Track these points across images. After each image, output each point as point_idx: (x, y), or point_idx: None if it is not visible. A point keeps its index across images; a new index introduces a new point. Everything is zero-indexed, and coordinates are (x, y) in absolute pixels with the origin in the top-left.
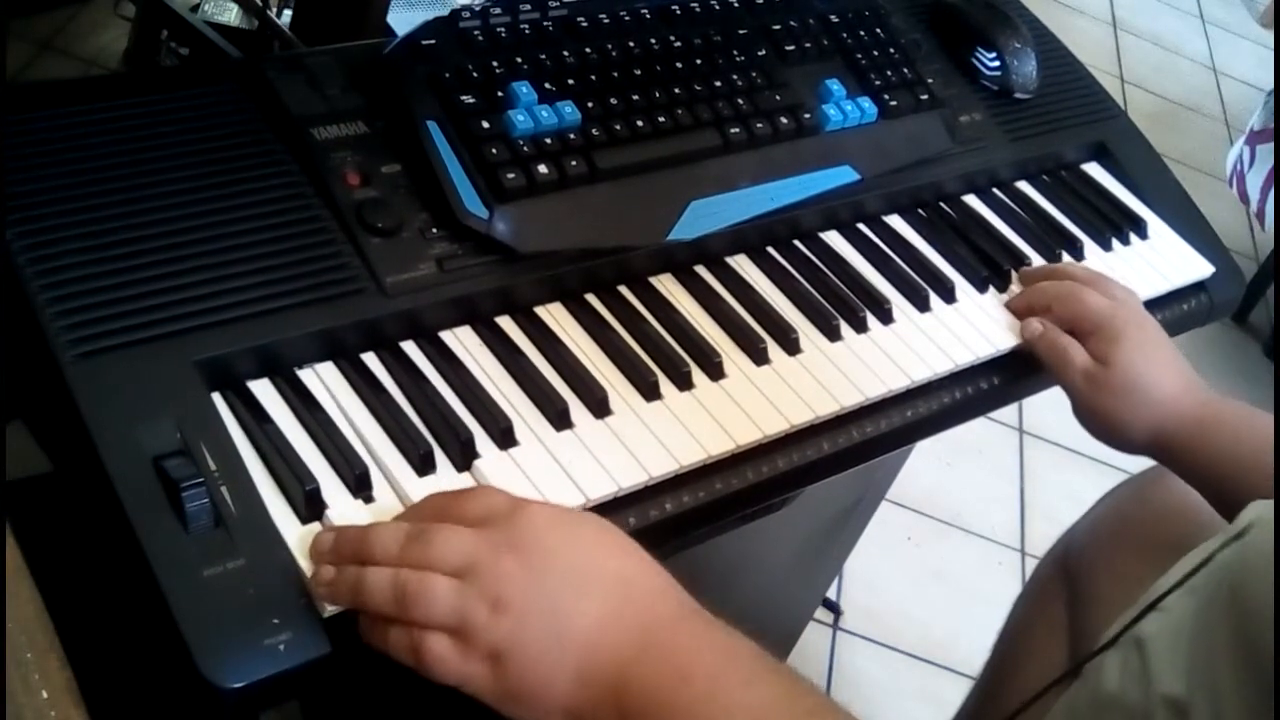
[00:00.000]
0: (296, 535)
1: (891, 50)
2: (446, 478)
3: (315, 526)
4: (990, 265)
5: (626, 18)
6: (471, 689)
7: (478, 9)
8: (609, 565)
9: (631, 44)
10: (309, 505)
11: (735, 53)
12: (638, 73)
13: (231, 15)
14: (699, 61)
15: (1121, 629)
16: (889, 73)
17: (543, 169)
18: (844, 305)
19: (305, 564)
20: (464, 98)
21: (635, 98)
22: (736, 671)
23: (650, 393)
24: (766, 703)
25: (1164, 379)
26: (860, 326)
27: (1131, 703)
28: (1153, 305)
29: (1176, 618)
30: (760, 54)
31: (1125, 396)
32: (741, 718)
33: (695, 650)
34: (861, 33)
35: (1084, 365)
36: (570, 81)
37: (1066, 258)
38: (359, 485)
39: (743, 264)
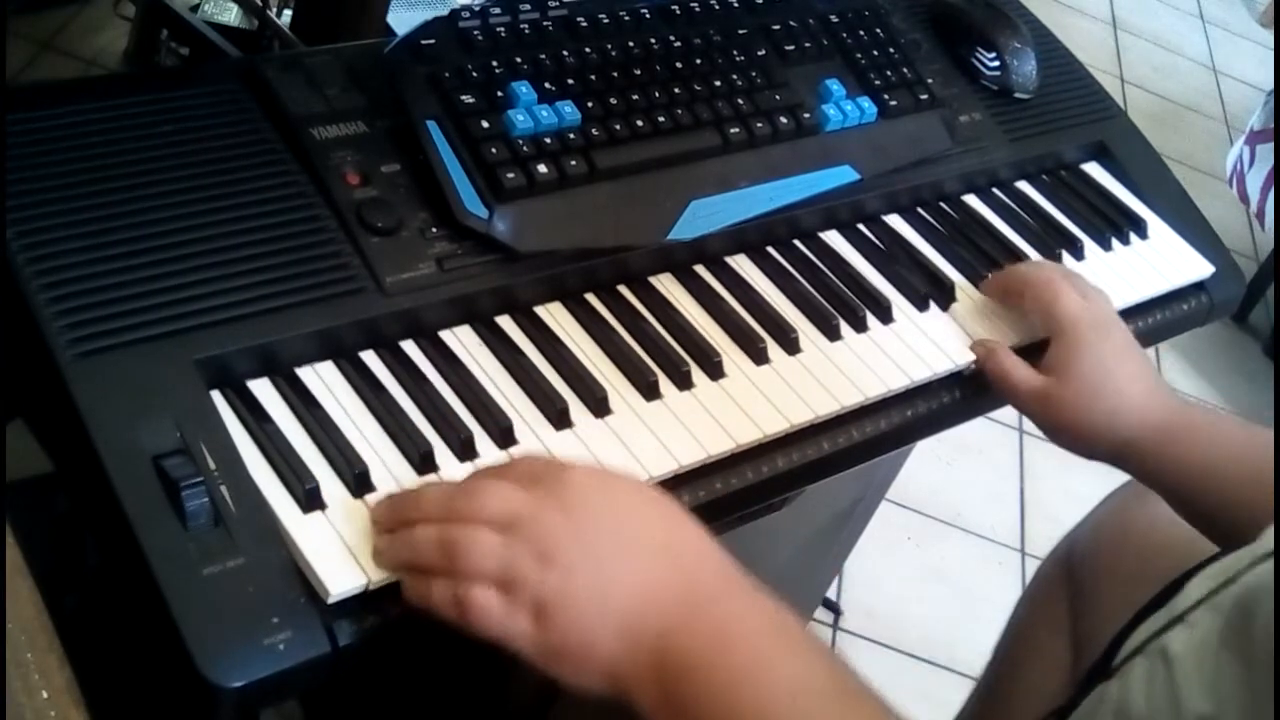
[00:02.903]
0: (296, 534)
1: (891, 50)
2: (446, 477)
3: (315, 524)
4: (990, 265)
5: (626, 17)
6: (514, 644)
7: (478, 9)
8: (655, 529)
9: (631, 44)
10: (308, 504)
11: (735, 52)
12: (637, 72)
13: (231, 15)
14: (699, 61)
15: (1145, 639)
16: (889, 73)
17: (542, 169)
18: (844, 305)
19: (305, 563)
20: (464, 97)
21: (635, 97)
22: (779, 644)
23: (650, 392)
24: (806, 677)
25: (1128, 387)
26: (860, 326)
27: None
28: (1153, 305)
29: (1202, 635)
30: (760, 54)
31: (1085, 405)
32: (781, 689)
33: (739, 619)
34: (861, 32)
35: (1034, 389)
36: (570, 81)
37: (1066, 257)
38: (359, 484)
39: (743, 264)
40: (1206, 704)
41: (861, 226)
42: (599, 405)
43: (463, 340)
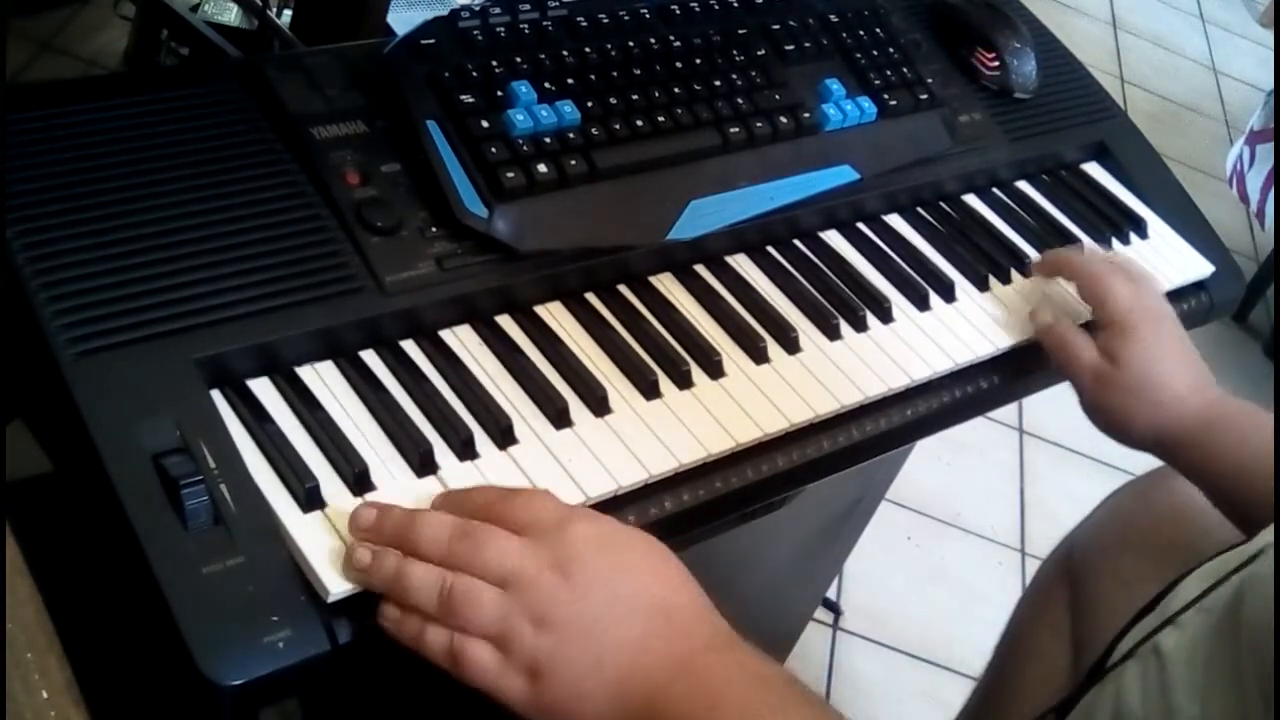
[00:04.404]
0: (296, 533)
1: (891, 50)
2: (447, 476)
3: (315, 523)
4: (990, 264)
5: (626, 17)
6: (505, 699)
7: (477, 9)
8: (653, 591)
9: (631, 43)
10: (308, 503)
11: (735, 52)
12: (637, 72)
13: (231, 15)
14: (699, 61)
15: (1139, 640)
16: (889, 72)
17: (542, 168)
18: (844, 304)
19: (304, 562)
20: (464, 97)
21: (635, 97)
22: (767, 700)
23: (650, 391)
24: None
25: (1173, 378)
26: (860, 326)
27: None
28: None
29: (1192, 636)
30: (760, 54)
31: (1133, 395)
32: None
33: (728, 677)
34: (861, 32)
35: (1092, 363)
36: (570, 81)
37: None
38: (358, 483)
39: (743, 263)
40: (1195, 704)
41: (861, 226)
42: (599, 405)
43: (463, 340)
